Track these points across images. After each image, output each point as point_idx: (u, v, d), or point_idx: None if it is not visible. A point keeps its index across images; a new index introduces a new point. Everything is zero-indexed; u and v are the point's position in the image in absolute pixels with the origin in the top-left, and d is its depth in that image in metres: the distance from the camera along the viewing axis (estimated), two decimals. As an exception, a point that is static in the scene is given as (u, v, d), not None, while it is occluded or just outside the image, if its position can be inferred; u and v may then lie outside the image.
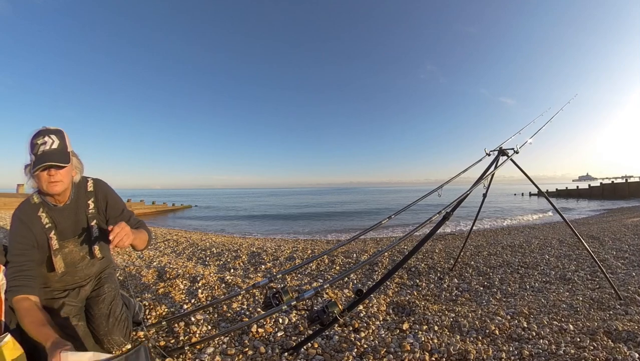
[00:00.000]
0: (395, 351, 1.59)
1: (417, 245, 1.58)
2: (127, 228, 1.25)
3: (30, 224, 1.31)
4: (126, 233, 1.24)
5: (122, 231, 1.22)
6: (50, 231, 1.34)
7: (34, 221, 1.32)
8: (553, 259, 3.84)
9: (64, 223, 1.38)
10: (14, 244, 1.28)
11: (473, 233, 6.62)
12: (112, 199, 1.51)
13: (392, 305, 2.37)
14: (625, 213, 12.89)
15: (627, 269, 3.36)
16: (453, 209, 1.75)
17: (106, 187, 1.52)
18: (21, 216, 1.31)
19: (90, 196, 1.45)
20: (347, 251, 4.60)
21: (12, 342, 1.02)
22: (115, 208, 1.51)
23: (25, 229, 1.29)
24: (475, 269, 3.56)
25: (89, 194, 1.45)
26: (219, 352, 1.59)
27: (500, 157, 2.55)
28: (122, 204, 1.56)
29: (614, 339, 1.70)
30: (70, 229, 1.40)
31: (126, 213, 1.55)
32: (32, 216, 1.32)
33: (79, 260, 1.44)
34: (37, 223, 1.32)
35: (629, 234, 5.71)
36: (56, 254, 1.35)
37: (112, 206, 1.50)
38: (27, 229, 1.29)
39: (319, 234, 11.71)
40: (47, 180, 1.26)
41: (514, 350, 1.60)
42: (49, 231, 1.34)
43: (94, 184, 1.48)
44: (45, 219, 1.34)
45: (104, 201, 1.48)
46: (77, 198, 1.42)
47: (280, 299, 1.53)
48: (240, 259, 4.21)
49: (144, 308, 2.10)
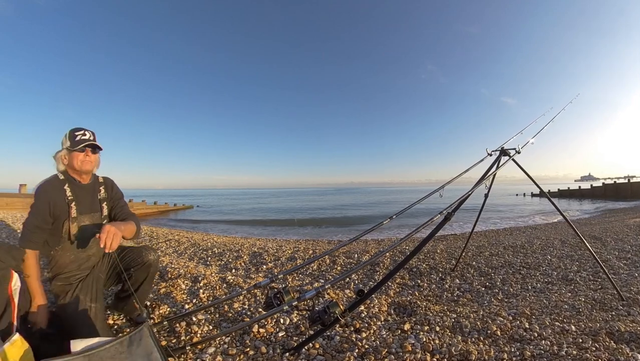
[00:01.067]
0: (396, 352, 1.59)
1: (419, 246, 1.57)
2: (112, 229, 1.42)
3: (54, 195, 1.57)
4: (113, 234, 1.41)
5: (108, 234, 1.39)
6: (71, 202, 1.61)
7: (59, 192, 1.59)
8: (555, 260, 3.83)
9: (83, 199, 1.67)
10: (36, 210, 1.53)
11: (475, 233, 6.60)
12: (116, 190, 1.86)
13: (393, 306, 2.37)
14: (627, 213, 12.82)
15: (630, 270, 3.34)
16: (454, 210, 1.74)
17: (112, 181, 1.89)
18: (47, 187, 1.57)
19: (101, 184, 1.79)
20: (348, 252, 4.60)
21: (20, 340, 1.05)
22: (117, 197, 1.84)
23: (45, 202, 1.54)
24: (476, 269, 3.55)
25: (100, 183, 1.80)
26: (220, 352, 1.59)
27: (502, 157, 2.54)
28: (122, 195, 1.90)
29: (616, 340, 1.69)
30: (88, 206, 1.69)
31: (123, 202, 1.86)
32: (58, 187, 1.60)
33: (91, 235, 1.66)
34: (61, 194, 1.59)
35: (632, 234, 5.68)
36: (73, 221, 1.61)
37: (115, 194, 1.84)
38: (46, 202, 1.54)
39: (320, 235, 11.71)
40: (83, 159, 1.62)
41: (515, 351, 1.59)
42: (71, 202, 1.61)
43: (103, 178, 1.84)
44: (68, 192, 1.62)
45: (110, 189, 1.82)
46: (93, 183, 1.75)
47: (281, 299, 1.53)
48: (241, 259, 4.21)
49: (147, 309, 2.11)
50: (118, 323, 1.93)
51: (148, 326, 1.15)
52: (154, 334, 1.16)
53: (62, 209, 1.58)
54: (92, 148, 1.65)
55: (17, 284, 1.33)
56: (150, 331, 1.14)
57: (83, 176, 1.68)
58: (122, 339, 1.08)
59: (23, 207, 12.27)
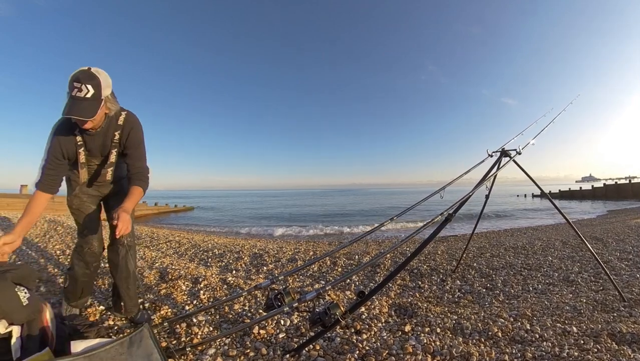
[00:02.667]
0: (397, 353, 1.58)
1: (420, 247, 1.57)
2: (126, 217, 1.47)
3: (65, 139, 1.58)
4: (126, 222, 1.46)
5: (122, 223, 1.43)
6: (80, 148, 1.62)
7: (69, 134, 1.59)
8: (556, 261, 3.82)
9: (92, 145, 1.66)
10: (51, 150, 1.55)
11: (475, 234, 6.59)
12: (132, 137, 1.72)
13: (394, 307, 2.37)
14: (628, 214, 12.79)
15: (631, 270, 3.33)
16: (455, 211, 1.74)
17: (134, 124, 1.73)
18: (59, 129, 1.58)
19: (118, 128, 1.68)
20: (349, 253, 4.59)
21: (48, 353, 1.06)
22: (132, 146, 1.72)
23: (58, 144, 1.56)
24: (477, 271, 3.55)
25: (118, 127, 1.68)
26: (220, 353, 1.59)
27: (503, 158, 2.54)
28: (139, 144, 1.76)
29: (618, 341, 1.68)
30: (97, 150, 1.69)
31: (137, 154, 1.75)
32: (69, 132, 1.59)
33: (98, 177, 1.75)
34: (71, 139, 1.59)
35: (633, 235, 5.66)
36: (82, 167, 1.65)
37: (130, 142, 1.71)
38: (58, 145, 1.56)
39: (321, 236, 11.71)
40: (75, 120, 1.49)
41: (516, 353, 1.59)
42: (79, 147, 1.62)
43: (124, 119, 1.70)
44: (78, 137, 1.61)
45: (126, 135, 1.70)
46: (107, 127, 1.65)
47: (282, 300, 1.52)
48: (242, 260, 4.21)
49: (146, 310, 2.11)
50: (118, 324, 1.93)
51: (148, 327, 1.15)
52: (154, 335, 1.16)
53: (72, 152, 1.61)
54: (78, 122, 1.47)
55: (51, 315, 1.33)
56: (150, 332, 1.14)
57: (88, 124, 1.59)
58: (123, 340, 1.08)
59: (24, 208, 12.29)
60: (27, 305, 1.15)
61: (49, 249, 3.61)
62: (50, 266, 2.93)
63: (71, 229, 5.51)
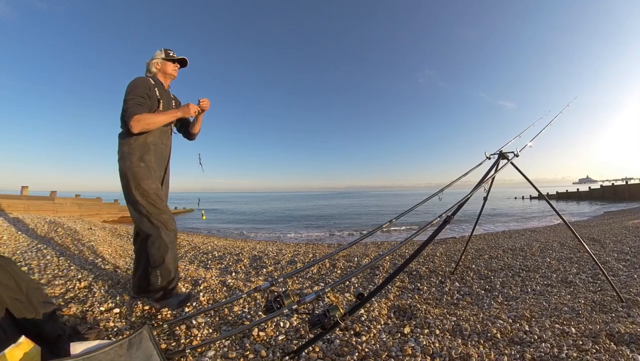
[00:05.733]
0: (396, 355, 1.59)
1: (418, 249, 1.58)
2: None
3: (150, 87, 2.08)
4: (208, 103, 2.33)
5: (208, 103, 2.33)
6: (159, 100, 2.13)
7: (152, 87, 2.10)
8: (554, 262, 3.84)
9: (165, 99, 2.20)
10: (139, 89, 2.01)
11: (474, 236, 6.61)
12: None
13: (393, 309, 2.37)
14: (626, 215, 12.85)
15: (629, 271, 3.35)
16: (454, 213, 1.75)
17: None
18: (144, 79, 2.10)
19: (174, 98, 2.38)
20: (348, 255, 4.60)
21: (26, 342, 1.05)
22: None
23: (146, 86, 2.05)
24: (476, 272, 3.55)
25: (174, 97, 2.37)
26: (220, 355, 1.59)
27: (501, 160, 2.55)
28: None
29: (616, 342, 1.69)
30: (167, 106, 2.22)
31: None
32: (152, 87, 2.10)
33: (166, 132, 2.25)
34: (153, 93, 2.10)
35: (630, 236, 5.69)
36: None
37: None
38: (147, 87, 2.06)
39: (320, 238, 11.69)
40: (174, 68, 2.28)
41: (515, 354, 1.59)
42: (159, 99, 2.13)
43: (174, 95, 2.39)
44: (157, 92, 2.13)
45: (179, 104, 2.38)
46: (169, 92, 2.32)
47: (281, 302, 1.53)
48: (241, 262, 4.20)
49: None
50: (118, 325, 1.92)
51: (148, 329, 1.15)
52: (153, 337, 1.16)
53: (153, 101, 2.07)
54: (181, 63, 2.31)
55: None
56: (150, 334, 1.14)
57: (167, 82, 2.29)
58: (122, 342, 1.08)
59: (24, 209, 12.18)
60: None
61: (48, 251, 3.59)
62: (49, 269, 2.92)
63: (71, 230, 5.48)
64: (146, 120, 1.99)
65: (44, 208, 13.50)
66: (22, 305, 1.27)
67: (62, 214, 12.67)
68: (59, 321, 1.51)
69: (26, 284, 1.34)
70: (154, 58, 2.23)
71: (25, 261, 3.14)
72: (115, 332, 1.85)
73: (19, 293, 1.27)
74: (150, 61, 2.23)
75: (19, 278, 1.31)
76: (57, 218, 7.81)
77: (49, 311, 1.38)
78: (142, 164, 2.05)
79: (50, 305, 1.42)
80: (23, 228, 5.33)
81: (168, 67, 2.24)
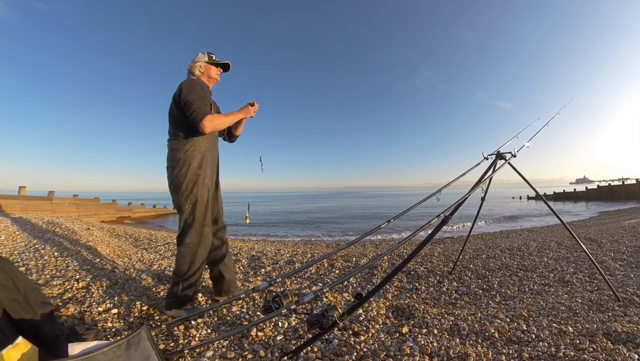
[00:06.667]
0: (395, 355, 1.59)
1: (416, 249, 1.59)
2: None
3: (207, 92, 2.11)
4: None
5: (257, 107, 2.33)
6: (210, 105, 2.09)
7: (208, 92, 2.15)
8: (551, 262, 3.85)
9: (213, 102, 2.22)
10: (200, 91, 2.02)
11: (472, 236, 6.63)
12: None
13: (391, 309, 2.38)
14: (622, 215, 12.93)
15: (625, 270, 3.37)
16: (452, 213, 1.76)
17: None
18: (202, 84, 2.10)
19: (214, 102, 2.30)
20: (346, 255, 4.60)
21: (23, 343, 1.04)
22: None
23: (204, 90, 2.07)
24: (474, 272, 3.57)
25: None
26: (218, 356, 1.59)
27: (498, 161, 2.56)
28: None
29: (613, 341, 1.70)
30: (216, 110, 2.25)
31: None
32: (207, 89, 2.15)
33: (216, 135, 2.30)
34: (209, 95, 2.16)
35: (627, 235, 5.73)
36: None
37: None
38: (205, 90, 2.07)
39: (318, 238, 11.70)
40: (217, 72, 2.25)
41: (513, 353, 1.60)
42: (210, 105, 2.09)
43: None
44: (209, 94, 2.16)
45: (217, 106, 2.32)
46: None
47: (280, 303, 1.53)
48: (240, 262, 4.20)
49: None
50: (116, 326, 1.92)
51: (146, 329, 1.15)
52: (152, 337, 1.16)
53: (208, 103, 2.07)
54: (224, 67, 2.29)
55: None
56: (148, 334, 1.14)
57: (211, 86, 2.25)
58: (120, 342, 1.07)
59: (22, 209, 12.10)
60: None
61: (46, 251, 3.57)
62: (47, 270, 2.90)
63: (69, 230, 5.46)
64: (217, 120, 2.00)
65: (42, 208, 13.42)
66: (19, 306, 1.26)
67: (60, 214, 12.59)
68: (57, 321, 1.50)
69: (24, 284, 1.33)
70: (197, 61, 2.16)
71: (23, 262, 3.13)
72: (114, 333, 1.85)
73: (16, 293, 1.27)
74: (193, 63, 2.16)
75: (16, 279, 1.31)
76: (55, 218, 7.78)
77: (46, 312, 1.37)
78: (200, 171, 2.02)
79: (48, 305, 1.42)
80: (21, 228, 5.30)
81: (212, 71, 2.20)
